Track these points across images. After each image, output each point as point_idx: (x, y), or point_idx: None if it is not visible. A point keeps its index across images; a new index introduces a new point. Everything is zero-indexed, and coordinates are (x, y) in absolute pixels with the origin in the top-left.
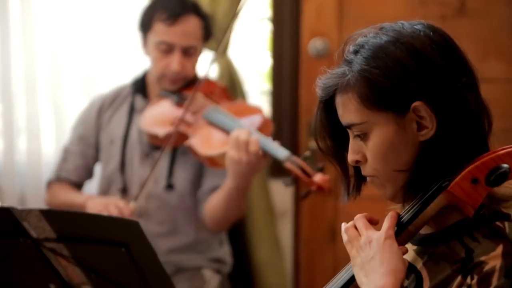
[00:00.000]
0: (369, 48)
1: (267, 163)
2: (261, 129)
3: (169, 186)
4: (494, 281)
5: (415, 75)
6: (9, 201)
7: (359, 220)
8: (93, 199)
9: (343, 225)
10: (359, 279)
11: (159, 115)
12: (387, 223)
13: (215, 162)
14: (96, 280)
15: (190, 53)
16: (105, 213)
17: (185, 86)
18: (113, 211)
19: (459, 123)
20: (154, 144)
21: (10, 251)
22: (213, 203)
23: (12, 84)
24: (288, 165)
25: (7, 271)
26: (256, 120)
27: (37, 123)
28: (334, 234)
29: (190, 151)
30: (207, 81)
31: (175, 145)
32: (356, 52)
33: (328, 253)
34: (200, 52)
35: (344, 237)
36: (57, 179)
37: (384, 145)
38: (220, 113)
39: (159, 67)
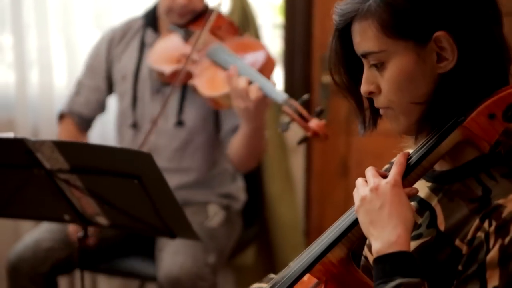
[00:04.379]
0: None
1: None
2: (263, 68)
3: (179, 123)
4: None
5: (441, 3)
6: (22, 134)
7: (369, 170)
8: None
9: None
10: (366, 228)
11: (165, 52)
12: (395, 168)
13: (218, 103)
14: (109, 211)
15: None
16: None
17: (194, 19)
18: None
19: (481, 56)
20: (162, 81)
21: (24, 182)
22: (235, 146)
23: (23, 15)
24: (286, 109)
25: (22, 201)
26: (258, 58)
27: (48, 56)
28: (346, 169)
29: (194, 90)
30: (215, 16)
31: (181, 83)
32: None
33: (340, 187)
34: None
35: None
36: (70, 112)
37: (401, 75)
38: (223, 51)
39: (166, 1)
